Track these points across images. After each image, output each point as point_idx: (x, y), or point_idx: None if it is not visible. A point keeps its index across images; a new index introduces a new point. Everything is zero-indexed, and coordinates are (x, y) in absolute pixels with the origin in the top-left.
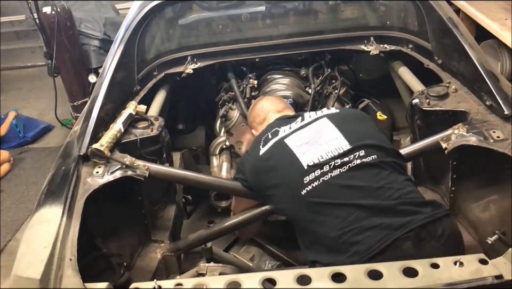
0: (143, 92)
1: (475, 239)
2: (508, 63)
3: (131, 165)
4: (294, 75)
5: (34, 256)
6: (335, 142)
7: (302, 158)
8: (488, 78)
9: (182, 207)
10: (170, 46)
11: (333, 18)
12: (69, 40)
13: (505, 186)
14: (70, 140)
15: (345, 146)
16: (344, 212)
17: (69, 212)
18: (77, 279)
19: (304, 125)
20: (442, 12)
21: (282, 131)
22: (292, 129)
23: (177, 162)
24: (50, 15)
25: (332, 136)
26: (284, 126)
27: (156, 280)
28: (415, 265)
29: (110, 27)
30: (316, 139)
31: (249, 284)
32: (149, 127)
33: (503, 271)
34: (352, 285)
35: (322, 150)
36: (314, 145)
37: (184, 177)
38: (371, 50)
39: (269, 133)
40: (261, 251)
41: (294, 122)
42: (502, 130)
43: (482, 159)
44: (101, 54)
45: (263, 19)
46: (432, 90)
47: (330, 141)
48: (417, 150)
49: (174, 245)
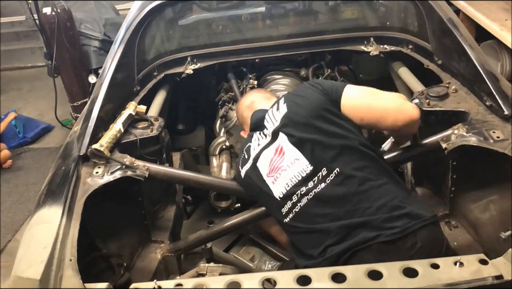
0: (143, 92)
1: (475, 239)
2: (507, 63)
3: (131, 165)
4: (294, 75)
5: (34, 257)
6: (296, 164)
7: (274, 189)
8: (488, 78)
9: (182, 208)
10: (170, 47)
11: (333, 18)
12: (69, 41)
13: (505, 187)
14: (70, 140)
15: (306, 167)
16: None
17: (68, 212)
18: (77, 280)
19: (267, 144)
20: (442, 13)
21: (253, 149)
22: (260, 147)
23: (177, 162)
24: (50, 15)
25: (292, 157)
26: (253, 141)
27: (156, 281)
28: (415, 265)
29: (110, 28)
30: (279, 164)
31: (249, 284)
32: (149, 128)
33: (503, 271)
34: (352, 285)
35: (287, 176)
36: (279, 171)
37: (184, 178)
38: (371, 51)
39: (244, 150)
40: (261, 252)
41: (261, 135)
42: (502, 130)
43: (482, 160)
44: (101, 54)
45: (263, 20)
46: (432, 90)
47: (292, 163)
48: (417, 150)
49: (174, 245)
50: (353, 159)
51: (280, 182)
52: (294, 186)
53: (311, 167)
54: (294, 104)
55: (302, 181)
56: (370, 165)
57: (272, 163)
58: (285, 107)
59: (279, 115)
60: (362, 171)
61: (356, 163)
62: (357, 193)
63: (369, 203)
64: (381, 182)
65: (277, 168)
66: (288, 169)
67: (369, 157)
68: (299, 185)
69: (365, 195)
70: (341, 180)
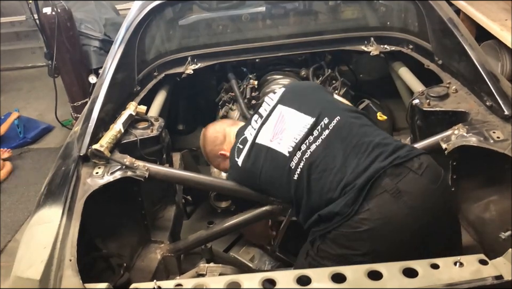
0: (143, 93)
1: (475, 239)
2: (508, 63)
3: (131, 165)
4: (294, 75)
5: (34, 257)
6: (299, 121)
7: (281, 148)
8: (488, 78)
9: (182, 208)
10: (171, 47)
11: (333, 18)
12: (69, 41)
13: (505, 187)
14: (70, 141)
15: (309, 121)
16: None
17: (68, 213)
18: (77, 280)
19: (265, 119)
20: (443, 12)
21: (249, 134)
22: (256, 128)
23: (177, 162)
24: (51, 15)
25: (294, 118)
26: (248, 130)
27: (156, 281)
28: (415, 265)
29: (110, 28)
30: (282, 127)
31: (249, 284)
32: (149, 128)
33: (503, 271)
34: (352, 285)
35: (292, 133)
36: (283, 133)
37: (184, 178)
38: (371, 51)
39: (238, 143)
40: (261, 252)
41: (254, 122)
42: (502, 130)
43: (482, 160)
44: (101, 54)
45: (263, 20)
46: (432, 90)
47: (294, 122)
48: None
49: (174, 246)
50: (350, 113)
51: (286, 140)
52: (301, 138)
53: (313, 119)
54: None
55: (308, 132)
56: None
57: (274, 130)
58: (282, 88)
59: (276, 96)
60: (359, 119)
61: (352, 115)
62: (358, 133)
63: (372, 138)
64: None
65: (281, 130)
66: (292, 127)
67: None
68: (306, 135)
69: (365, 137)
70: (343, 124)
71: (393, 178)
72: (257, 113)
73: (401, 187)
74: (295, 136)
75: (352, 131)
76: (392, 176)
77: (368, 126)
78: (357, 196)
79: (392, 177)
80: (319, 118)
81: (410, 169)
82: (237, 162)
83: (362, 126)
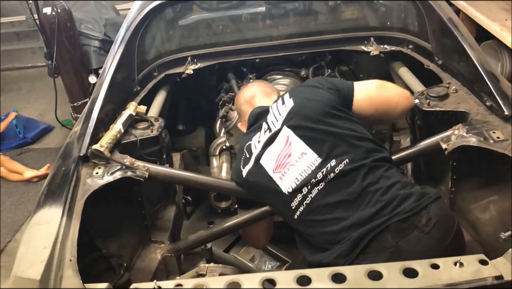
0: (143, 93)
1: (475, 239)
2: (508, 63)
3: (131, 165)
4: (294, 76)
5: (34, 257)
6: (304, 158)
7: (282, 185)
8: (488, 78)
9: (182, 208)
10: (171, 47)
11: (333, 18)
12: (69, 41)
13: (505, 187)
14: (70, 141)
15: (315, 160)
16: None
17: (68, 213)
18: (77, 280)
19: (271, 138)
20: (443, 12)
21: (254, 146)
22: (261, 143)
23: (177, 163)
24: (51, 15)
25: (299, 151)
26: (255, 138)
27: (156, 281)
28: (415, 265)
29: (110, 28)
30: (286, 160)
31: (249, 284)
32: (149, 128)
33: (503, 271)
34: (352, 285)
35: (296, 170)
36: (287, 166)
37: (184, 178)
38: (371, 51)
39: (245, 149)
40: (261, 252)
41: (263, 132)
42: (502, 131)
43: (482, 160)
44: (101, 54)
45: (263, 20)
46: (432, 90)
47: (300, 158)
48: (417, 151)
49: (174, 246)
50: (361, 150)
51: (289, 177)
52: (304, 179)
53: (320, 160)
54: (302, 99)
55: (312, 173)
56: (377, 155)
57: (278, 159)
58: (291, 101)
59: (284, 110)
60: (369, 159)
61: (363, 154)
62: (366, 178)
63: (379, 185)
64: (386, 168)
65: (284, 164)
66: (297, 164)
67: (376, 148)
68: (308, 177)
69: (374, 179)
70: (350, 168)
71: (396, 236)
72: (266, 122)
73: (403, 246)
74: (298, 175)
75: (358, 178)
76: (395, 232)
77: (379, 168)
78: (353, 248)
79: (395, 234)
80: (326, 159)
81: (416, 226)
82: (242, 173)
83: (371, 170)
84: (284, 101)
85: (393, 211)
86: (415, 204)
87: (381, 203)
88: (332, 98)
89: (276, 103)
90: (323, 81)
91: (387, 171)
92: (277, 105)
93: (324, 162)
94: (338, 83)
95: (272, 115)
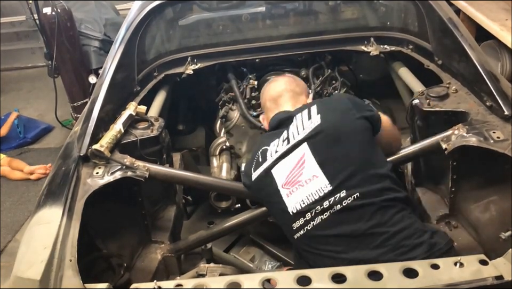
0: (143, 93)
1: (475, 239)
2: (508, 63)
3: (131, 165)
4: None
5: (34, 257)
6: (315, 182)
7: (288, 202)
8: (488, 78)
9: (182, 208)
10: (171, 47)
11: (333, 19)
12: (69, 41)
13: (505, 187)
14: (70, 141)
15: (325, 186)
16: (328, 256)
17: (69, 213)
18: (77, 280)
19: (289, 150)
20: (443, 12)
21: (269, 154)
22: (278, 154)
23: (177, 163)
24: (51, 15)
25: (311, 173)
26: (272, 145)
27: (156, 281)
28: (415, 265)
29: (110, 28)
30: (297, 178)
31: (249, 284)
32: (149, 128)
33: (503, 271)
34: (352, 286)
35: (304, 192)
36: (296, 185)
37: (184, 178)
38: (371, 51)
39: (259, 151)
40: (261, 252)
41: (282, 141)
42: (502, 130)
43: (482, 160)
44: (101, 54)
45: (263, 20)
46: (432, 90)
47: (311, 180)
48: (417, 151)
49: (174, 246)
50: (376, 187)
51: (296, 197)
52: (310, 203)
53: (330, 187)
54: (330, 118)
55: (319, 200)
56: (390, 194)
57: (289, 175)
58: (319, 118)
59: (309, 125)
60: (381, 198)
61: (377, 191)
62: (372, 218)
63: (386, 228)
64: (398, 209)
65: (294, 182)
66: (306, 186)
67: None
68: (315, 203)
69: (382, 221)
70: (359, 204)
71: None
72: (287, 131)
73: None
74: (304, 198)
75: (365, 215)
76: None
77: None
78: None
79: None
80: (336, 188)
81: None
82: (252, 176)
83: (380, 209)
84: (310, 115)
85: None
86: (424, 256)
87: (384, 248)
88: (362, 125)
89: (301, 113)
90: (353, 104)
91: (398, 214)
92: (301, 117)
93: (333, 191)
94: (368, 110)
95: (295, 126)
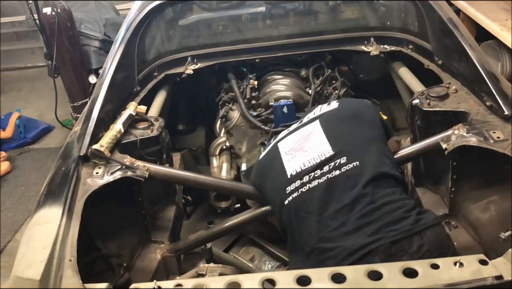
0: (143, 93)
1: (475, 239)
2: (508, 63)
3: (131, 165)
4: (294, 76)
5: (34, 257)
6: (318, 147)
7: (287, 166)
8: (488, 78)
9: (181, 208)
10: (171, 47)
11: (333, 19)
12: (69, 41)
13: (505, 187)
14: (70, 141)
15: (327, 152)
16: (315, 223)
17: (68, 213)
18: (77, 280)
19: (298, 127)
20: (443, 13)
21: (282, 134)
22: (288, 131)
23: (177, 162)
24: (51, 15)
25: (317, 141)
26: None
27: (156, 281)
28: (415, 265)
29: (110, 28)
30: (302, 145)
31: (249, 284)
32: (149, 128)
33: (503, 271)
34: (352, 285)
35: (305, 157)
36: (299, 151)
37: (184, 178)
38: (371, 51)
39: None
40: (261, 252)
41: (296, 123)
42: (502, 130)
43: (482, 160)
44: (101, 54)
45: (263, 20)
46: (432, 90)
47: (315, 146)
48: (417, 151)
49: (173, 246)
50: (376, 158)
51: (297, 161)
52: (310, 166)
53: (332, 153)
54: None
55: (319, 164)
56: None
57: (294, 143)
58: (337, 104)
59: (326, 108)
60: (378, 171)
61: (375, 164)
62: (364, 188)
63: (376, 197)
64: (391, 185)
65: (298, 148)
66: (309, 151)
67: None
68: (314, 167)
69: (372, 191)
70: (356, 173)
71: (384, 259)
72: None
73: None
74: (305, 162)
75: (359, 184)
76: (383, 255)
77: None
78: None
79: (382, 258)
80: (337, 154)
81: (406, 252)
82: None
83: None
84: (330, 104)
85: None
86: (411, 227)
87: (374, 215)
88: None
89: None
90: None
91: (389, 188)
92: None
93: (334, 157)
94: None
95: (312, 112)
